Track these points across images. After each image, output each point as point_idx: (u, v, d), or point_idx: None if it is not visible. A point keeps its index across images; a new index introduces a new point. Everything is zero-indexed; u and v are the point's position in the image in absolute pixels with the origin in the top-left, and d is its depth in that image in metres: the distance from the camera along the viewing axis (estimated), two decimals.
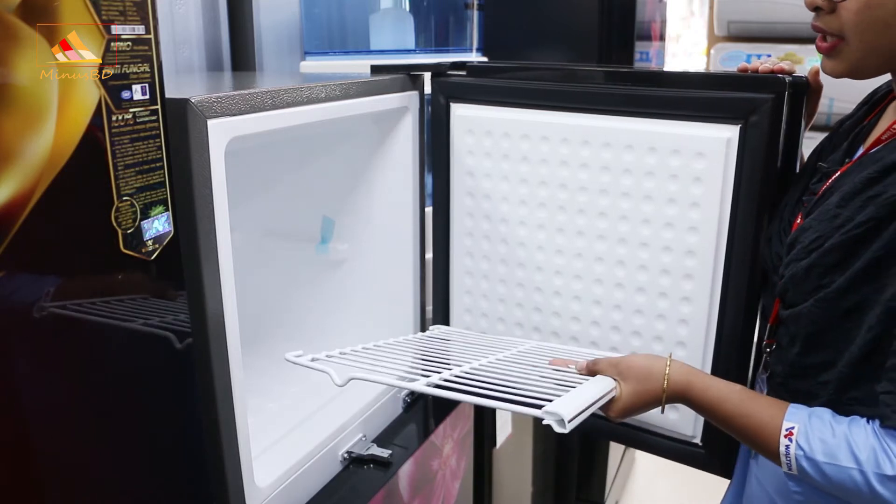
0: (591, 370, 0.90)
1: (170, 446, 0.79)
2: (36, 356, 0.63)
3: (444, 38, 1.60)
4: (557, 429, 0.74)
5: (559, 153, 1.12)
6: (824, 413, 0.79)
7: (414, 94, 1.21)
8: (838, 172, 0.85)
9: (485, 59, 1.67)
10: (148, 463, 0.76)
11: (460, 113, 1.20)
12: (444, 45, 1.60)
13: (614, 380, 0.87)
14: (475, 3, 1.65)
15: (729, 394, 0.84)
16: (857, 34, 0.77)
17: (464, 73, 1.21)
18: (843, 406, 0.79)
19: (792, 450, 0.78)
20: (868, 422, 0.76)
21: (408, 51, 1.55)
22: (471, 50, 1.66)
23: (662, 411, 0.87)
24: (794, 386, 0.85)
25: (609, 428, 1.17)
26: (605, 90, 1.07)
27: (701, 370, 0.90)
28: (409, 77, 1.20)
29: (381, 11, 1.58)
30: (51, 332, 0.63)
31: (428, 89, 1.24)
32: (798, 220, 0.87)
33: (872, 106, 0.90)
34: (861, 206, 0.76)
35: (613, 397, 0.86)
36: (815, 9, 0.80)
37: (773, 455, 0.80)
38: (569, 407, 0.75)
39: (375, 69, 1.19)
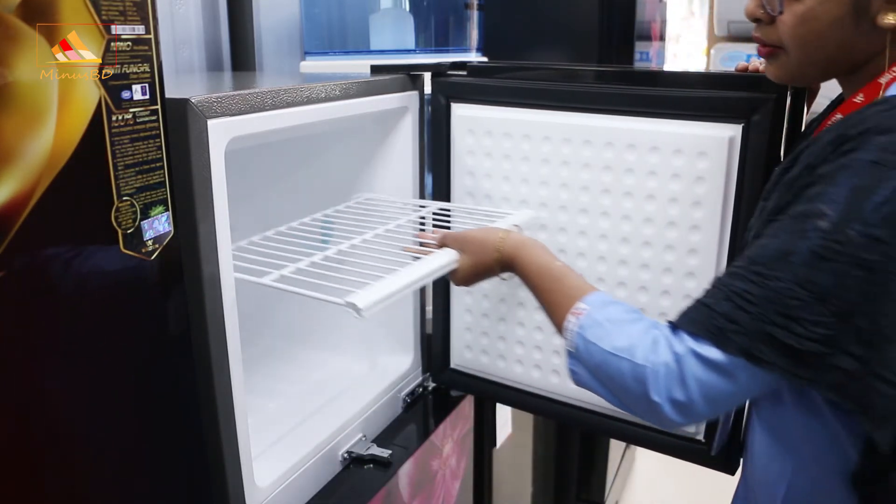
0: (441, 244, 1.01)
1: (170, 446, 0.79)
2: (36, 356, 0.63)
3: (444, 38, 1.60)
4: (355, 316, 0.82)
5: (561, 153, 1.12)
6: (625, 306, 0.82)
7: (414, 94, 1.21)
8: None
9: (485, 59, 1.67)
10: (148, 463, 0.76)
11: (461, 113, 1.20)
12: (444, 45, 1.60)
13: (458, 252, 0.99)
14: (475, 3, 1.65)
15: (550, 268, 0.90)
16: (795, 46, 0.78)
17: (464, 73, 1.21)
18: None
19: (573, 326, 0.81)
20: (659, 325, 0.78)
21: (408, 51, 1.55)
22: (471, 50, 1.66)
23: (498, 275, 0.97)
24: None
25: (611, 426, 1.17)
26: (608, 90, 1.07)
27: (541, 245, 0.95)
28: (409, 77, 1.20)
29: (381, 11, 1.58)
30: (51, 333, 0.63)
31: (428, 89, 1.24)
32: None
33: (832, 106, 0.90)
34: (776, 195, 0.77)
35: (455, 268, 0.98)
36: (756, 20, 0.81)
37: (560, 329, 0.84)
38: (368, 298, 0.83)
39: (375, 69, 1.19)
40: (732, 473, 1.06)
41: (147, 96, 0.68)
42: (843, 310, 0.67)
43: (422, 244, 1.04)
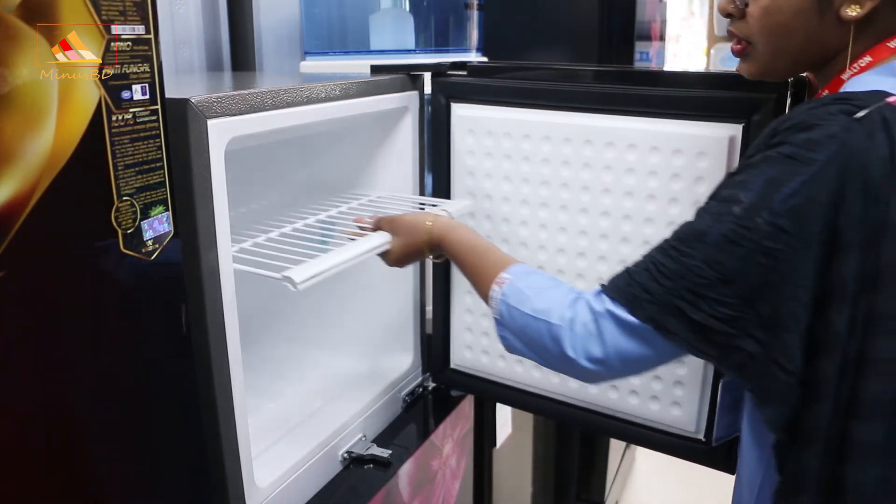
0: (376, 227, 1.06)
1: (170, 446, 0.79)
2: (35, 356, 0.63)
3: (444, 38, 1.60)
4: (291, 288, 0.86)
5: (561, 153, 1.12)
6: (547, 275, 0.88)
7: (414, 94, 1.21)
8: None
9: (485, 59, 1.67)
10: (148, 463, 0.76)
11: (461, 113, 1.20)
12: (444, 45, 1.60)
13: (390, 234, 1.04)
14: (475, 3, 1.65)
15: (476, 245, 0.96)
16: (762, 39, 0.79)
17: (464, 73, 1.21)
18: None
19: (497, 294, 0.87)
20: (581, 291, 0.83)
21: (408, 51, 1.55)
22: (471, 50, 1.66)
23: (428, 257, 1.03)
24: None
25: (612, 425, 1.17)
26: (609, 90, 1.07)
27: (468, 227, 1.01)
28: (409, 77, 1.20)
29: (381, 11, 1.58)
30: (50, 333, 0.63)
31: (428, 89, 1.24)
32: None
33: None
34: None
35: (388, 249, 1.03)
36: (728, 15, 0.83)
37: (486, 300, 0.90)
38: (303, 273, 0.88)
39: (375, 69, 1.19)
40: (732, 472, 1.06)
41: (147, 96, 0.68)
42: (747, 293, 0.70)
43: (360, 228, 1.10)
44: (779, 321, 0.70)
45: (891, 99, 0.69)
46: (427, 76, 1.23)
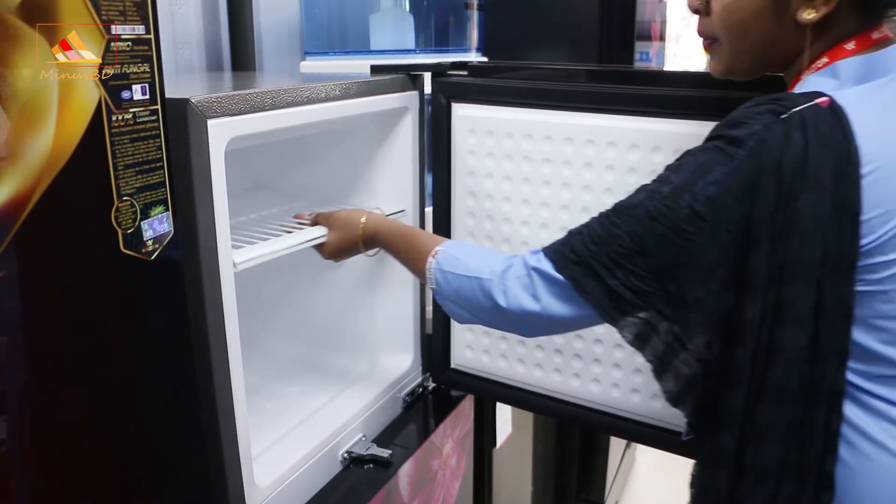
0: (314, 221, 1.12)
1: (170, 446, 0.79)
2: (35, 356, 0.63)
3: (444, 38, 1.60)
4: (233, 269, 0.89)
5: (563, 152, 1.12)
6: (482, 246, 0.94)
7: (414, 94, 1.21)
8: None
9: (485, 59, 1.67)
10: (148, 463, 0.76)
11: (462, 113, 1.20)
12: (444, 45, 1.60)
13: (326, 228, 1.10)
14: (475, 3, 1.65)
15: (408, 231, 1.04)
16: (724, 36, 0.82)
17: (465, 72, 1.21)
18: None
19: (432, 265, 0.93)
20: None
21: (408, 51, 1.55)
22: (471, 50, 1.66)
23: (363, 252, 1.09)
24: None
25: (614, 423, 1.17)
26: (610, 90, 1.07)
27: (398, 222, 1.08)
28: (409, 77, 1.20)
29: (381, 11, 1.58)
30: (51, 332, 0.63)
31: (428, 89, 1.24)
32: None
33: None
34: None
35: (323, 242, 1.09)
36: (696, 12, 0.85)
37: (424, 275, 0.95)
38: (243, 255, 0.94)
39: (375, 69, 1.19)
40: None
41: (147, 96, 0.68)
42: (658, 269, 0.75)
43: (299, 223, 1.16)
44: (685, 301, 0.75)
45: (821, 100, 0.71)
46: (427, 76, 1.23)
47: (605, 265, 0.78)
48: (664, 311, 0.77)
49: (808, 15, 0.75)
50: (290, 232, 1.09)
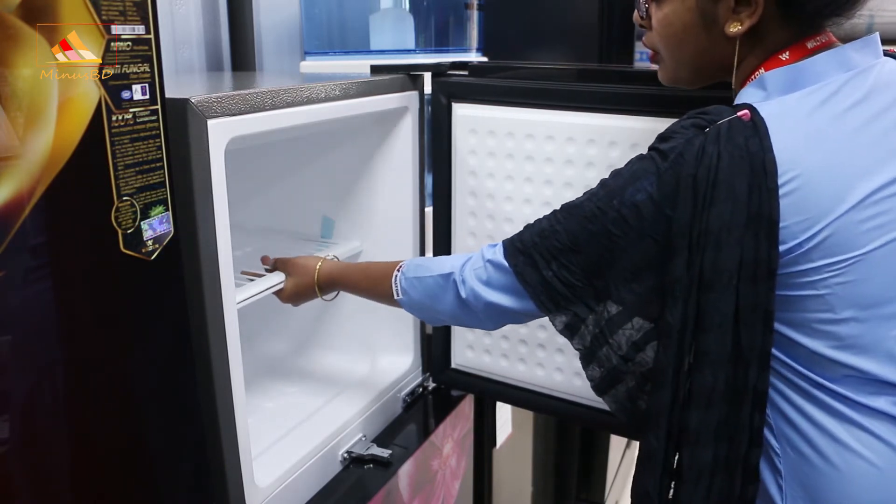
0: (273, 267, 1.15)
1: (170, 446, 0.79)
2: (35, 356, 0.63)
3: (444, 38, 1.60)
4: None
5: (564, 152, 1.12)
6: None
7: (414, 94, 1.21)
8: None
9: (485, 59, 1.67)
10: (148, 463, 0.76)
11: (463, 113, 1.20)
12: (444, 45, 1.60)
13: (284, 274, 1.12)
14: (475, 3, 1.65)
15: (364, 266, 1.08)
16: (662, 49, 0.85)
17: (465, 72, 1.21)
18: None
19: (397, 278, 0.97)
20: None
21: (408, 51, 1.55)
22: (471, 50, 1.66)
23: (321, 296, 1.12)
24: None
25: (616, 422, 1.17)
26: (611, 89, 1.07)
27: (354, 265, 1.10)
28: (409, 77, 1.20)
29: (381, 11, 1.58)
30: (51, 332, 0.63)
31: (428, 89, 1.24)
32: None
33: None
34: None
35: (281, 288, 1.11)
36: (641, 26, 0.88)
37: (390, 294, 0.98)
38: None
39: (375, 69, 1.19)
40: None
41: (147, 96, 0.68)
42: (587, 266, 0.81)
43: (264, 269, 1.17)
44: (610, 296, 0.82)
45: (742, 113, 0.73)
46: (427, 76, 1.23)
47: (544, 257, 0.83)
48: (590, 304, 0.84)
49: (734, 28, 0.77)
50: (252, 280, 1.10)
